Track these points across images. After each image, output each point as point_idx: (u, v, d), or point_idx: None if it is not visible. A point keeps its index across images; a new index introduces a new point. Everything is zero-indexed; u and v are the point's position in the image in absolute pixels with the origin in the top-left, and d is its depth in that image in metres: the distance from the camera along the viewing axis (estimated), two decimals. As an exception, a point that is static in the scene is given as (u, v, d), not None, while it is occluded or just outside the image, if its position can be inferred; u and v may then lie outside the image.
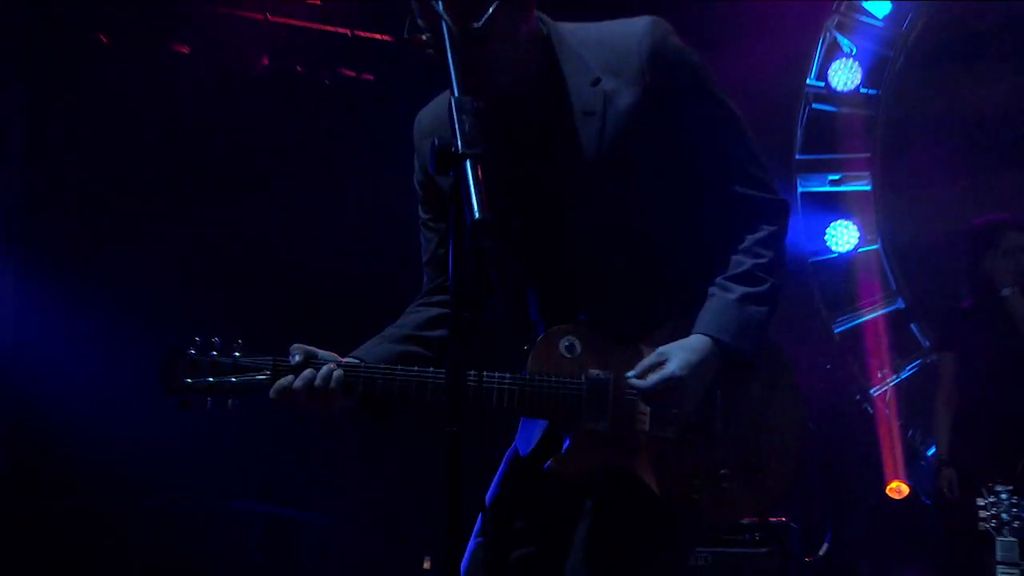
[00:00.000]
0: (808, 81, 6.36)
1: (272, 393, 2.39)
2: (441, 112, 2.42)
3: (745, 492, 2.39)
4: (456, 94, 1.98)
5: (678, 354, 2.29)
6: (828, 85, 6.35)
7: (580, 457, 2.37)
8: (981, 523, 3.95)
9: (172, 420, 4.83)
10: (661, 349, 2.32)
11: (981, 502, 3.97)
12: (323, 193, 5.95)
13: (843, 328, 6.33)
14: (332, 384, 2.36)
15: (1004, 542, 3.92)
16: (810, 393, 5.76)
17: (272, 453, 5.76)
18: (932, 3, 6.22)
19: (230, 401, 2.47)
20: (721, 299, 2.36)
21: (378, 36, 6.11)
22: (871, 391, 6.20)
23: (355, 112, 6.12)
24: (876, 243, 6.35)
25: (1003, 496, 3.94)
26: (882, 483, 5.93)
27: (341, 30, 6.19)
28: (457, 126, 1.93)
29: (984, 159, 6.13)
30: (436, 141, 1.92)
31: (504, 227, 2.33)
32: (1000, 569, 3.90)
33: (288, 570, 5.59)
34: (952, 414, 5.00)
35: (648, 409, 2.34)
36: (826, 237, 6.29)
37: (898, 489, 5.82)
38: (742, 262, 2.38)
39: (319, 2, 6.20)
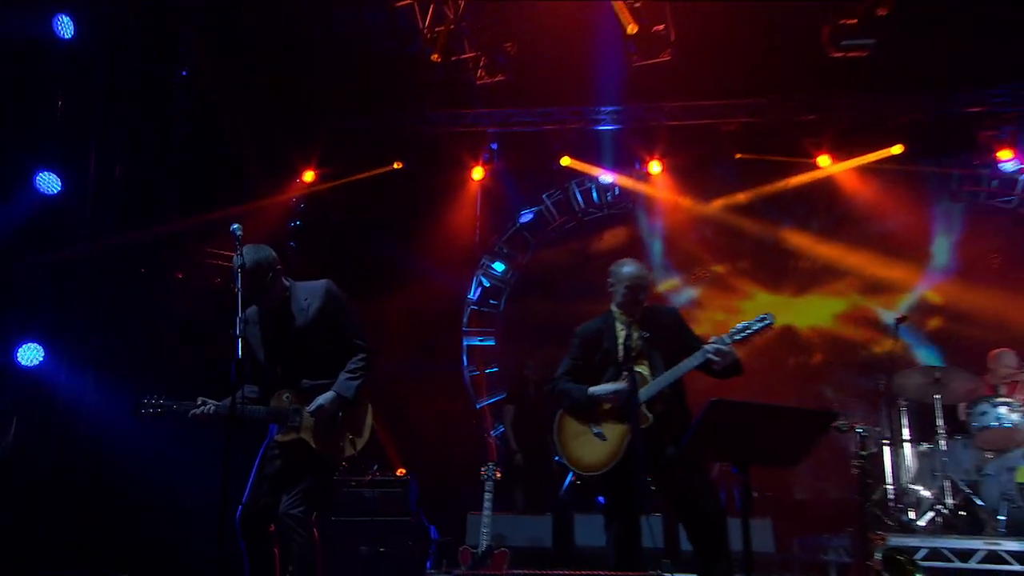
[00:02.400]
0: (469, 296, 11.59)
1: (189, 415, 4.60)
2: (252, 313, 4.62)
3: (351, 448, 4.65)
4: (240, 314, 3.96)
5: (325, 398, 4.63)
6: (475, 299, 11.55)
7: (288, 434, 4.67)
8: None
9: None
10: (318, 398, 4.63)
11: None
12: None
13: (480, 405, 11.17)
14: (212, 412, 4.59)
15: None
16: (452, 430, 10.27)
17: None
18: (522, 266, 11.55)
19: (160, 420, 4.57)
20: (339, 378, 4.68)
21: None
22: (491, 432, 10.59)
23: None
24: (495, 367, 11.59)
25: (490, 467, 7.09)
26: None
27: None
28: (239, 325, 4.03)
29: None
30: (232, 331, 3.70)
31: (270, 354, 4.61)
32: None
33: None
34: (513, 430, 9.49)
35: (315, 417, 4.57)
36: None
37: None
38: (349, 366, 4.71)
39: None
